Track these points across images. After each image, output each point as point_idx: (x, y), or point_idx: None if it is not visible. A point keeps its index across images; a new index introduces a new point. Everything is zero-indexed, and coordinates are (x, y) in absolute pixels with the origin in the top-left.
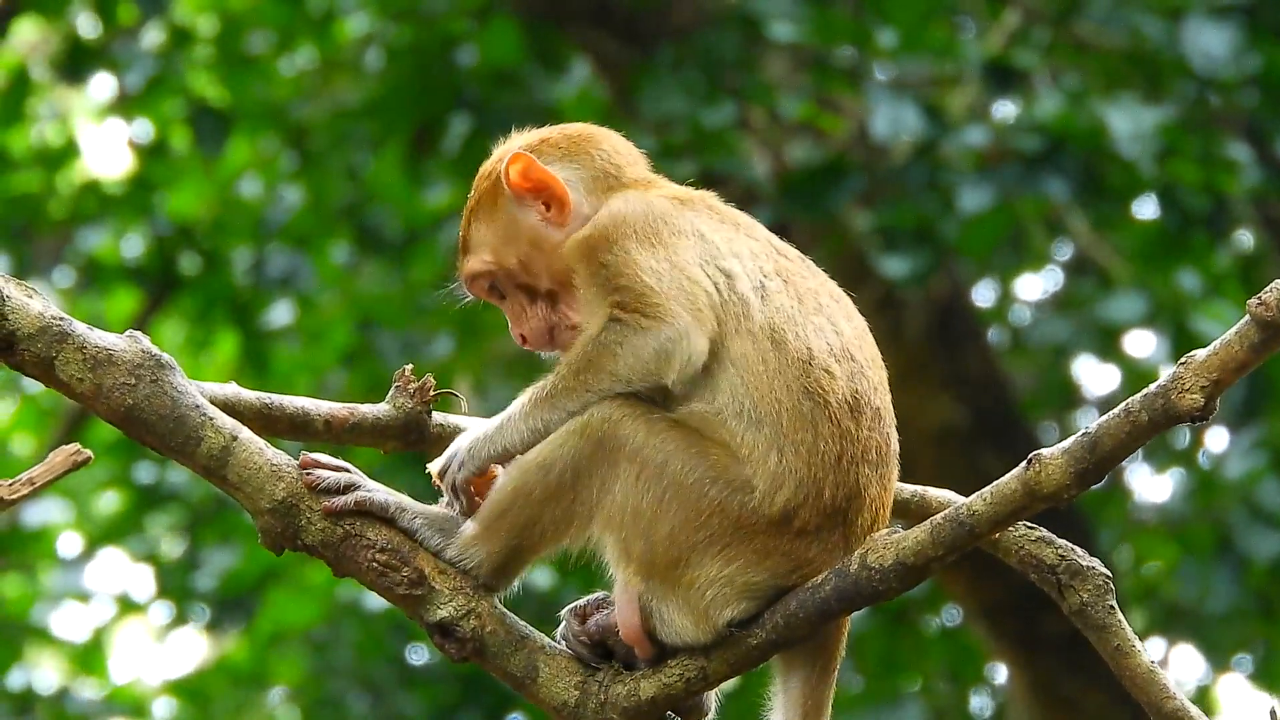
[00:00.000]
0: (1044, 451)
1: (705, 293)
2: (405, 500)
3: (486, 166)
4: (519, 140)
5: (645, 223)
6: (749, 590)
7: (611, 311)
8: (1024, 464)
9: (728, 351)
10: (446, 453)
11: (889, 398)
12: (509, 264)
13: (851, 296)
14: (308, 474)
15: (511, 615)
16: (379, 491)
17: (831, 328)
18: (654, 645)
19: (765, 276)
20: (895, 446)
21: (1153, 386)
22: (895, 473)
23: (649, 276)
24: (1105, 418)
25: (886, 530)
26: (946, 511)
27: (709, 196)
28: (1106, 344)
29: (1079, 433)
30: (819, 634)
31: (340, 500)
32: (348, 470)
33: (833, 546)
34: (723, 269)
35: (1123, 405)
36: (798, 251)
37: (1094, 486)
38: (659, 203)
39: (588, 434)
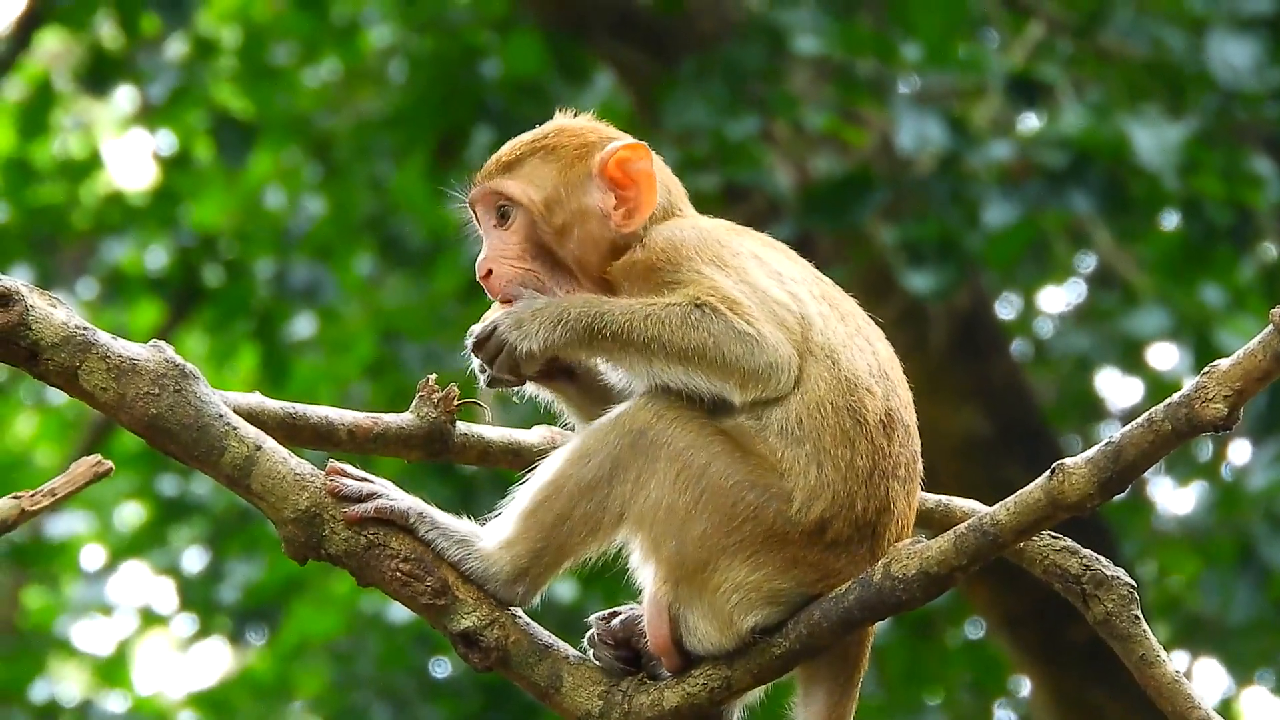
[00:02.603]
0: (1067, 461)
1: (791, 314)
2: (429, 510)
3: (578, 125)
4: (624, 136)
5: (703, 246)
6: (773, 597)
7: (697, 296)
8: (1047, 473)
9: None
10: (498, 316)
11: (914, 415)
12: (554, 221)
13: (876, 319)
14: (332, 481)
15: (535, 625)
16: (402, 500)
17: (870, 349)
18: (681, 656)
19: (815, 299)
20: (920, 464)
21: (1176, 396)
22: (918, 488)
23: (734, 292)
24: (1129, 427)
25: (910, 540)
26: (970, 521)
27: (751, 229)
28: (1130, 357)
29: (1102, 442)
30: (842, 644)
31: (361, 507)
32: (372, 481)
33: (860, 559)
34: (790, 291)
35: (1146, 415)
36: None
37: (1117, 497)
38: (710, 226)
39: (631, 427)
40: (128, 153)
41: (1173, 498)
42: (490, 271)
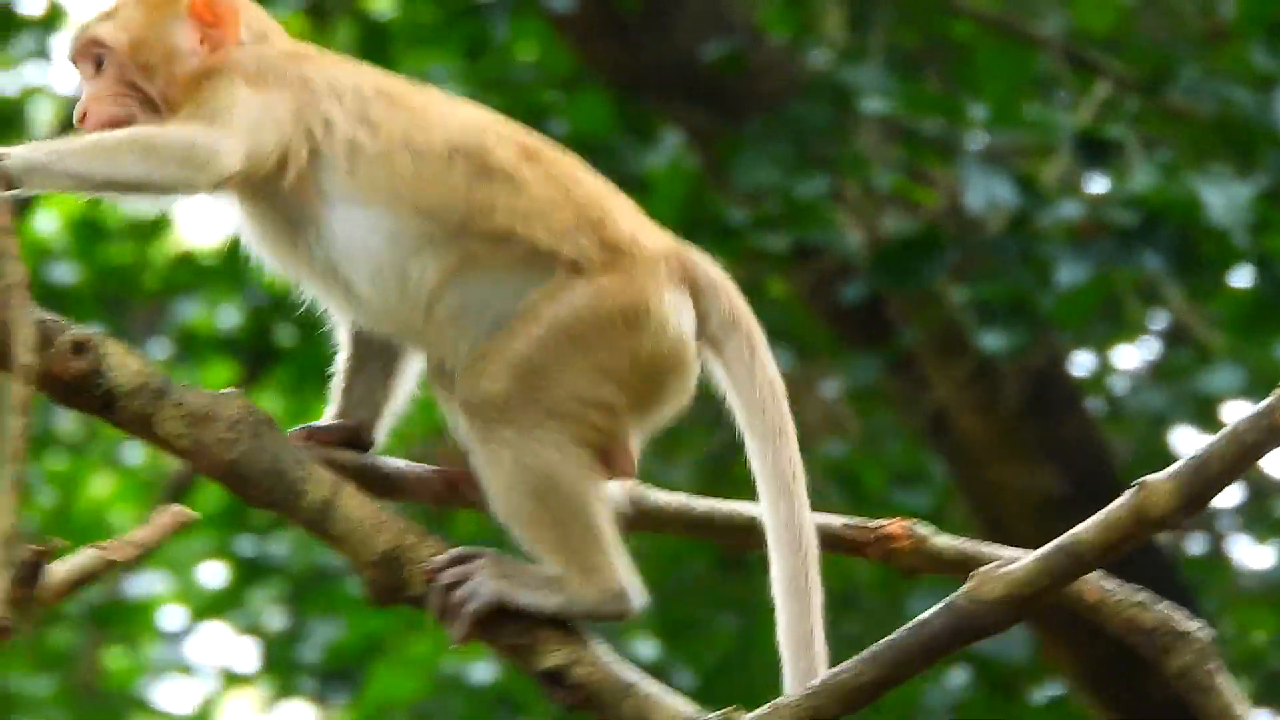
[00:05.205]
0: (1151, 477)
1: (280, 135)
2: (511, 577)
3: None
4: None
5: (255, 67)
6: None
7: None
8: (1132, 489)
9: (373, 181)
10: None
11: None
12: (140, 59)
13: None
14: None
15: (620, 660)
16: (484, 586)
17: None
18: None
19: (368, 101)
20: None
21: (1259, 406)
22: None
23: (231, 100)
24: (1213, 441)
25: (995, 563)
26: (1056, 540)
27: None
28: (1204, 414)
29: (1187, 456)
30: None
31: (460, 628)
32: (464, 561)
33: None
34: (321, 113)
35: (1229, 427)
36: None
37: (1196, 551)
38: (270, 54)
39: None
40: (197, 212)
41: (1251, 554)
42: (85, 114)
